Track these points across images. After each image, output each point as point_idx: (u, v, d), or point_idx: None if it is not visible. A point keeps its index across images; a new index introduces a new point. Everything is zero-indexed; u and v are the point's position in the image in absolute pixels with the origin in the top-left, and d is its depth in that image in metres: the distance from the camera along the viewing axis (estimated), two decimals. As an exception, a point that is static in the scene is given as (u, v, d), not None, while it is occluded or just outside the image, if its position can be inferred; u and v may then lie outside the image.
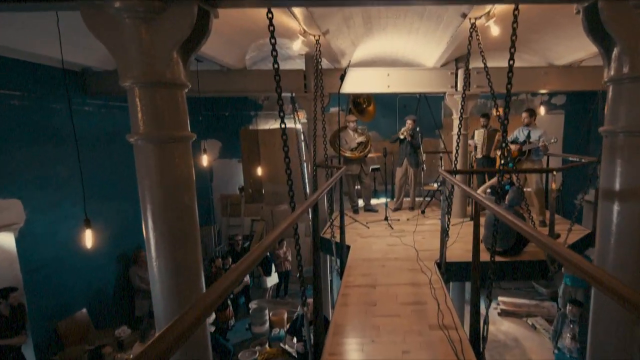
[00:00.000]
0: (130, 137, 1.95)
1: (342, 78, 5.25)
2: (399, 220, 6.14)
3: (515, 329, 7.09)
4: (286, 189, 2.71)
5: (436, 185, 7.32)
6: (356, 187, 6.80)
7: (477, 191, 4.51)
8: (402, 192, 6.81)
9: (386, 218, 5.92)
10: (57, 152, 5.23)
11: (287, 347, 5.65)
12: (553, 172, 4.68)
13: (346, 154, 6.33)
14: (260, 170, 9.10)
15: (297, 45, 4.61)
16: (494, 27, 3.85)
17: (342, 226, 4.63)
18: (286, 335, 5.81)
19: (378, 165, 6.88)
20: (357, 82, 6.11)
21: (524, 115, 5.76)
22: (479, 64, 4.26)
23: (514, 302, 7.66)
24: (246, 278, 6.96)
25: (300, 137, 8.89)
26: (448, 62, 5.92)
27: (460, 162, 5.57)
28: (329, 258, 6.25)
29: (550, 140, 5.42)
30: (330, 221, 5.24)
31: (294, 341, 5.53)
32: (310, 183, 6.25)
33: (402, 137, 6.39)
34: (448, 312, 3.27)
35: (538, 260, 4.47)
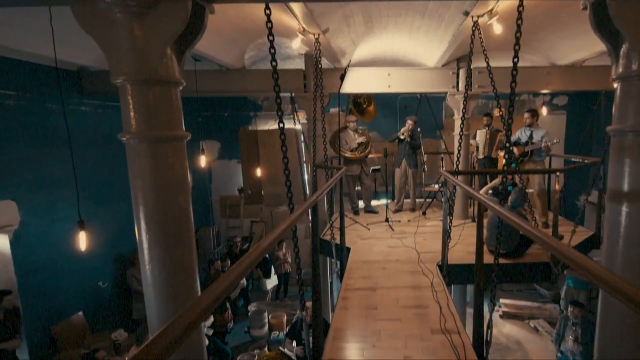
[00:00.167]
0: (122, 136, 1.89)
1: (342, 78, 5.20)
2: (400, 221, 6.07)
3: (517, 331, 7.02)
4: (286, 190, 2.64)
5: (437, 186, 7.25)
6: (356, 188, 6.74)
7: (480, 192, 4.44)
8: (402, 194, 6.75)
9: (387, 219, 5.86)
10: (53, 152, 5.16)
11: (287, 351, 5.57)
12: (557, 173, 4.61)
13: (346, 155, 6.27)
14: (260, 171, 9.04)
15: (297, 44, 4.54)
16: (496, 25, 3.79)
17: (342, 228, 4.56)
18: (285, 339, 5.73)
19: (379, 166, 6.81)
20: (357, 82, 6.06)
21: (526, 116, 5.69)
22: (481, 63, 4.21)
23: (515, 304, 7.59)
24: (243, 280, 6.87)
25: (300, 138, 8.83)
26: (449, 62, 5.87)
27: (462, 163, 5.50)
28: (329, 260, 6.18)
29: (553, 140, 5.35)
30: (330, 222, 5.18)
31: (294, 345, 5.45)
32: (310, 184, 6.18)
33: (402, 137, 6.33)
34: (450, 315, 3.21)
35: (541, 262, 4.41)
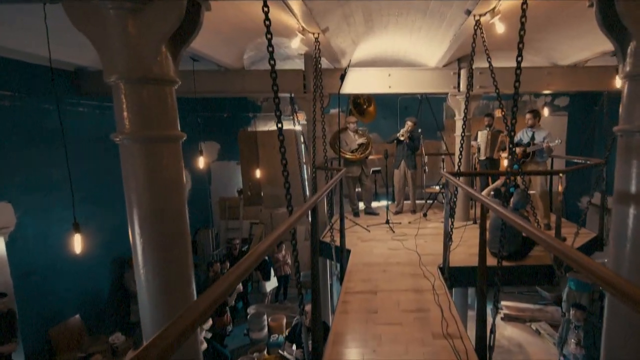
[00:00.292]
0: (115, 136, 1.83)
1: (342, 78, 5.15)
2: (401, 223, 6.02)
3: (519, 334, 6.96)
4: (285, 192, 2.58)
5: (438, 187, 7.19)
6: (357, 190, 6.68)
7: (482, 194, 4.38)
8: (402, 195, 6.70)
9: (387, 221, 5.80)
10: (49, 153, 5.09)
11: (286, 354, 5.51)
12: (560, 174, 4.55)
13: (346, 156, 6.22)
14: (259, 172, 8.98)
15: (296, 44, 4.48)
16: (499, 25, 3.73)
17: (342, 230, 4.50)
18: (285, 342, 5.67)
19: (379, 168, 6.76)
20: (357, 83, 6.00)
21: (528, 117, 5.64)
22: (482, 64, 4.15)
23: (517, 307, 7.52)
24: (239, 285, 6.74)
25: (300, 139, 8.77)
26: (450, 62, 5.82)
27: (463, 164, 5.45)
28: (329, 262, 6.12)
29: (555, 141, 5.30)
30: (330, 224, 5.12)
31: (293, 348, 5.39)
32: (310, 185, 6.12)
33: (401, 138, 6.28)
34: (452, 319, 3.14)
35: (544, 264, 4.36)
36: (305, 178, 7.78)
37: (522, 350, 6.51)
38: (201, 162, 6.31)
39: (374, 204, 6.96)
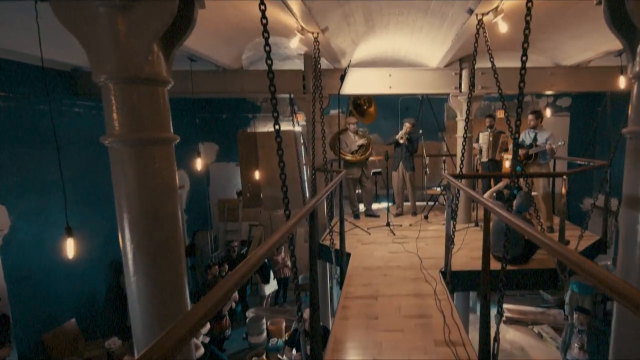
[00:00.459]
0: (104, 139, 1.76)
1: (342, 78, 5.08)
2: (401, 225, 5.94)
3: (521, 337, 6.87)
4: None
5: (439, 189, 7.11)
6: (357, 192, 6.61)
7: (484, 196, 4.31)
8: (402, 197, 6.62)
9: (388, 224, 5.73)
10: (44, 155, 4.99)
11: (285, 358, 5.43)
12: (564, 176, 4.47)
13: (346, 157, 6.14)
14: (259, 174, 8.89)
15: (295, 43, 4.41)
16: (501, 24, 3.66)
17: (342, 232, 4.43)
18: (284, 346, 5.59)
19: (380, 169, 6.68)
20: (357, 83, 5.92)
21: (530, 118, 5.56)
22: (484, 64, 4.08)
23: (519, 310, 7.44)
24: (235, 294, 6.56)
25: (299, 140, 8.69)
26: (452, 62, 5.74)
27: (465, 165, 5.38)
28: (329, 266, 6.04)
29: (558, 143, 5.22)
30: (329, 227, 5.04)
31: (293, 352, 5.31)
32: (310, 187, 6.04)
33: (400, 141, 6.21)
34: (455, 326, 3.07)
35: (547, 268, 4.28)
36: (305, 180, 7.69)
37: (524, 353, 6.43)
38: (199, 164, 6.23)
39: (375, 206, 6.89)
